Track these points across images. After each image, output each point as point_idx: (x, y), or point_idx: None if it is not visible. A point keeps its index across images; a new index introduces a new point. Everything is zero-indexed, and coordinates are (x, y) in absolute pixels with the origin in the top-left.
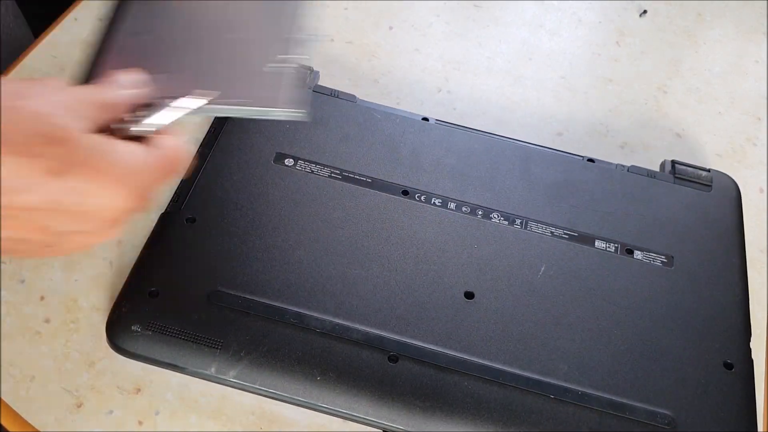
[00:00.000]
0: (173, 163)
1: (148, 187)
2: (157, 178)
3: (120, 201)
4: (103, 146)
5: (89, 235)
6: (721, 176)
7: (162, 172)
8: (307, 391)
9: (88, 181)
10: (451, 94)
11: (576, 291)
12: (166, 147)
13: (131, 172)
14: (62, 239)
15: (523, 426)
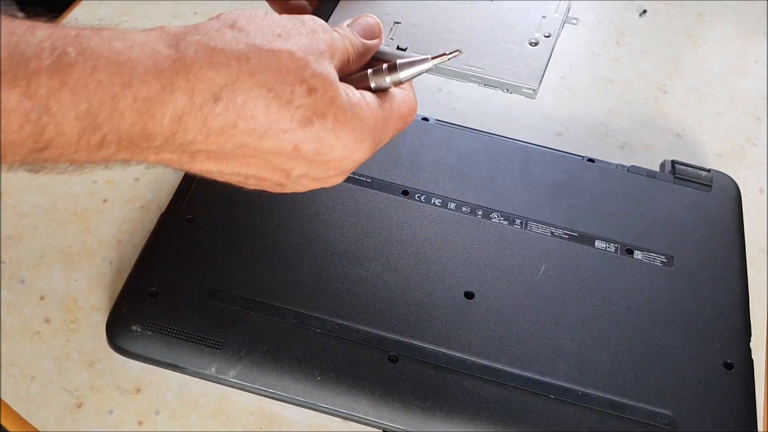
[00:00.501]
0: (407, 117)
1: (384, 140)
2: (393, 132)
3: (360, 154)
4: (352, 100)
5: (321, 180)
6: (721, 176)
7: (398, 126)
8: (307, 391)
9: (337, 133)
10: (451, 94)
11: (576, 291)
12: (402, 102)
13: (374, 128)
14: (296, 181)
15: (523, 426)
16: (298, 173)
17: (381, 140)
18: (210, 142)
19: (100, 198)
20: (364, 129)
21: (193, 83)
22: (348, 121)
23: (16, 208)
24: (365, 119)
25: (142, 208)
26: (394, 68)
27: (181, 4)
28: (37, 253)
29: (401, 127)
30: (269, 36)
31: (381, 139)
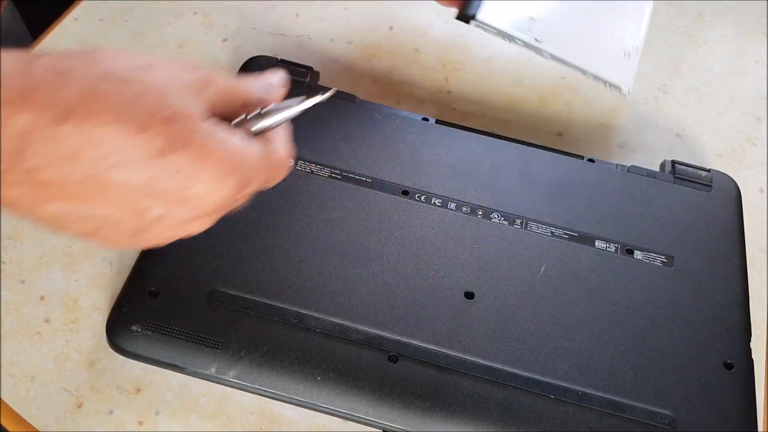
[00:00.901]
0: (279, 167)
1: (254, 183)
2: (265, 177)
3: (224, 192)
4: (218, 133)
5: (184, 225)
6: (721, 176)
7: (270, 171)
8: (307, 391)
9: (197, 164)
10: (451, 94)
11: (576, 291)
12: (275, 150)
13: (242, 164)
14: (154, 227)
15: (523, 426)
16: (156, 214)
17: (249, 180)
18: (58, 168)
19: None
20: (228, 164)
21: (40, 101)
22: (210, 154)
23: None
24: (230, 154)
25: None
26: (261, 115)
27: (181, 5)
28: (37, 253)
29: (271, 175)
30: (129, 67)
31: (249, 179)
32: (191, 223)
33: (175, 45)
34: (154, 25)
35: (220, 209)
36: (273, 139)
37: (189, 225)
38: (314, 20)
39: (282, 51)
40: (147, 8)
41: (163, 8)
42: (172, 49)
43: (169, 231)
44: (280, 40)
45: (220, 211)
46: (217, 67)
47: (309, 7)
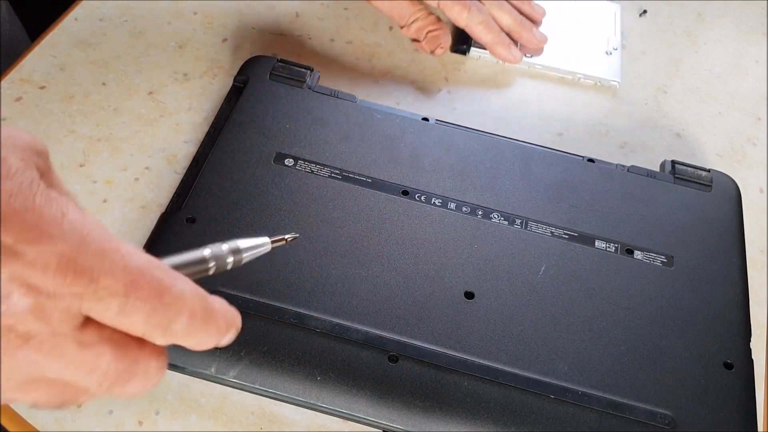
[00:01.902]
0: (232, 321)
1: (176, 322)
2: (192, 323)
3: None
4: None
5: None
6: (721, 176)
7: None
8: (307, 391)
9: None
10: (451, 94)
11: (576, 291)
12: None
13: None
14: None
15: (523, 426)
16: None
17: (171, 315)
18: None
19: (100, 198)
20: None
21: None
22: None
23: None
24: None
25: (142, 208)
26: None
27: (181, 4)
28: None
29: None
30: None
31: (172, 312)
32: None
33: (175, 45)
34: (154, 25)
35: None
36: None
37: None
38: (314, 20)
39: (282, 51)
40: (147, 8)
41: (163, 8)
42: (172, 49)
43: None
44: (280, 40)
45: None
46: (217, 67)
47: (309, 7)
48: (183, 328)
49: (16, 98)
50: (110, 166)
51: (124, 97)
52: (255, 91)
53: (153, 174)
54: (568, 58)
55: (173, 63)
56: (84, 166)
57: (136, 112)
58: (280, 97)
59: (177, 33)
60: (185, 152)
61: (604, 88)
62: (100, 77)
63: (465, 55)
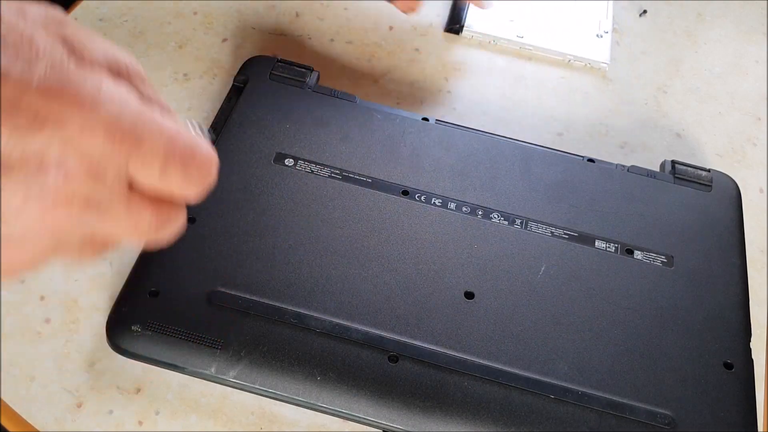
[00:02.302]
0: (207, 159)
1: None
2: (168, 155)
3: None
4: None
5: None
6: (721, 176)
7: (180, 152)
8: (307, 391)
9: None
10: (451, 94)
11: (576, 291)
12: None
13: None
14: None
15: (523, 426)
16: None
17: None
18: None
19: None
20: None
21: None
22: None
23: None
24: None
25: None
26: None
27: (181, 5)
28: None
29: (184, 160)
30: None
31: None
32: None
33: (175, 45)
34: (154, 25)
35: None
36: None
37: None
38: (314, 20)
39: (282, 51)
40: (147, 8)
41: (163, 8)
42: (172, 49)
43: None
44: (280, 40)
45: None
46: (217, 67)
47: (309, 7)
48: (211, 181)
49: None
50: None
51: None
52: (255, 91)
53: None
54: (560, 40)
55: (173, 63)
56: None
57: None
58: (280, 97)
59: (177, 33)
60: None
61: (594, 69)
62: None
63: (458, 35)
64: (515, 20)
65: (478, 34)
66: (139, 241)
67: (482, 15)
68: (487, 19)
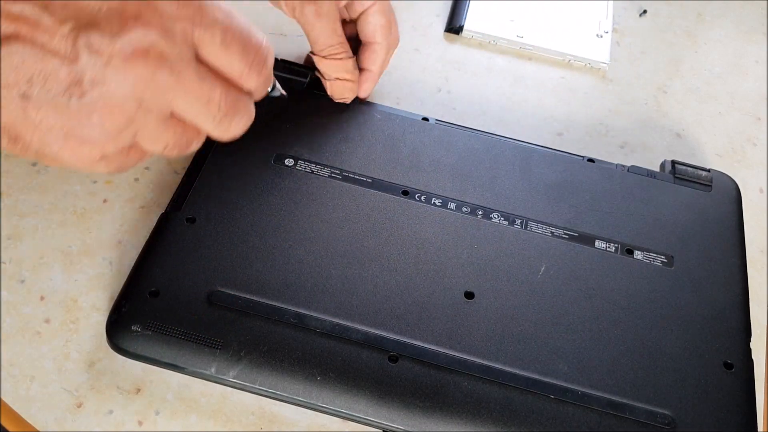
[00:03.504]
0: (261, 44)
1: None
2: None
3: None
4: None
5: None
6: (721, 176)
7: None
8: (307, 391)
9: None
10: (451, 94)
11: (576, 291)
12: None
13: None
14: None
15: (523, 426)
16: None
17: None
18: None
19: (100, 198)
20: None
21: None
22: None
23: (16, 208)
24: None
25: (142, 208)
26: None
27: None
28: (37, 253)
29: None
30: None
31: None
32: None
33: None
34: None
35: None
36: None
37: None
38: None
39: (282, 51)
40: None
41: None
42: None
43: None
44: (280, 40)
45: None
46: None
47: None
48: (268, 73)
49: None
50: None
51: None
52: None
53: (153, 174)
54: (560, 40)
55: None
56: None
57: None
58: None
59: None
60: None
61: (594, 69)
62: None
63: (458, 35)
64: (515, 20)
65: (478, 34)
66: (214, 124)
67: (482, 15)
68: (487, 19)
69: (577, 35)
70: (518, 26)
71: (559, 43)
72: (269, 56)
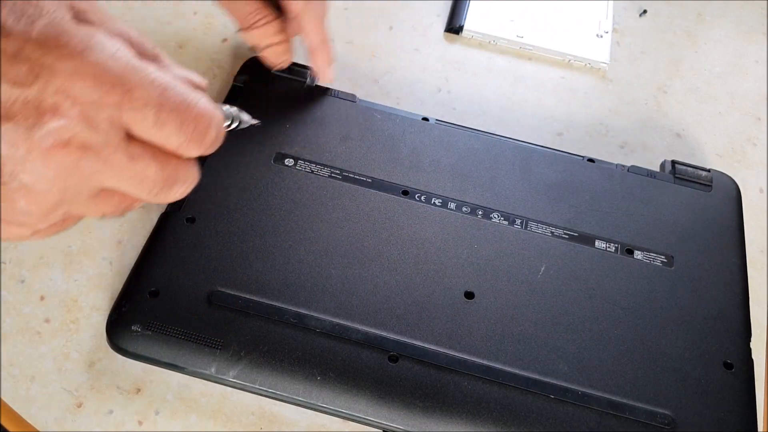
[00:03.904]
0: (206, 116)
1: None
2: (171, 117)
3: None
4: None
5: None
6: (721, 176)
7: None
8: (307, 391)
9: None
10: (451, 94)
11: (576, 291)
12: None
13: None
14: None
15: (523, 426)
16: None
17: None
18: None
19: None
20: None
21: None
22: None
23: None
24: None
25: (142, 208)
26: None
27: (181, 5)
28: (37, 253)
29: (183, 120)
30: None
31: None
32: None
33: (175, 45)
34: (154, 25)
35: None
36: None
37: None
38: None
39: None
40: (147, 8)
41: (163, 8)
42: (172, 49)
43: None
44: None
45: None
46: (217, 67)
47: None
48: (212, 139)
49: None
50: None
51: None
52: (255, 91)
53: None
54: (560, 40)
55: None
56: None
57: None
58: (280, 97)
59: (177, 33)
60: None
61: (594, 69)
62: None
63: (458, 35)
64: (515, 20)
65: (478, 34)
66: (151, 197)
67: (482, 15)
68: (487, 19)
69: (577, 35)
70: (518, 26)
71: (559, 43)
72: (212, 122)
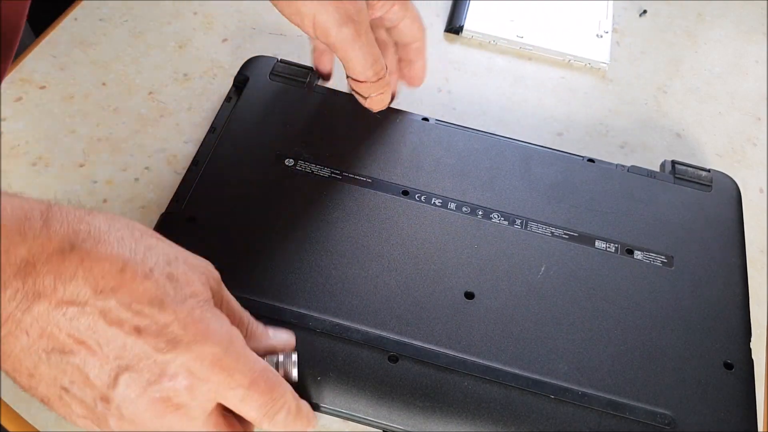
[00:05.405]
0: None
1: (282, 405)
2: (290, 411)
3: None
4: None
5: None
6: (721, 176)
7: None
8: (308, 391)
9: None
10: (451, 94)
11: (576, 291)
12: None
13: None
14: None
15: (523, 426)
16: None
17: (278, 399)
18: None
19: (100, 198)
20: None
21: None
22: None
23: None
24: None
25: (143, 208)
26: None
27: (181, 4)
28: None
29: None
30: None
31: (277, 397)
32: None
33: (175, 45)
34: (154, 25)
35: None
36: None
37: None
38: None
39: (282, 51)
40: (147, 8)
41: (163, 8)
42: (172, 49)
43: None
44: (280, 40)
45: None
46: (217, 67)
47: None
48: (282, 419)
49: (17, 98)
50: (110, 167)
51: (124, 97)
52: (255, 91)
53: (153, 174)
54: (560, 40)
55: (173, 63)
56: (84, 166)
57: (136, 112)
58: (280, 97)
59: (177, 33)
60: (185, 152)
61: (594, 69)
62: (100, 77)
63: (458, 35)
64: (515, 20)
65: (478, 34)
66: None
67: (482, 15)
68: (487, 19)
69: (577, 35)
70: (518, 26)
71: (559, 43)
72: (286, 394)
